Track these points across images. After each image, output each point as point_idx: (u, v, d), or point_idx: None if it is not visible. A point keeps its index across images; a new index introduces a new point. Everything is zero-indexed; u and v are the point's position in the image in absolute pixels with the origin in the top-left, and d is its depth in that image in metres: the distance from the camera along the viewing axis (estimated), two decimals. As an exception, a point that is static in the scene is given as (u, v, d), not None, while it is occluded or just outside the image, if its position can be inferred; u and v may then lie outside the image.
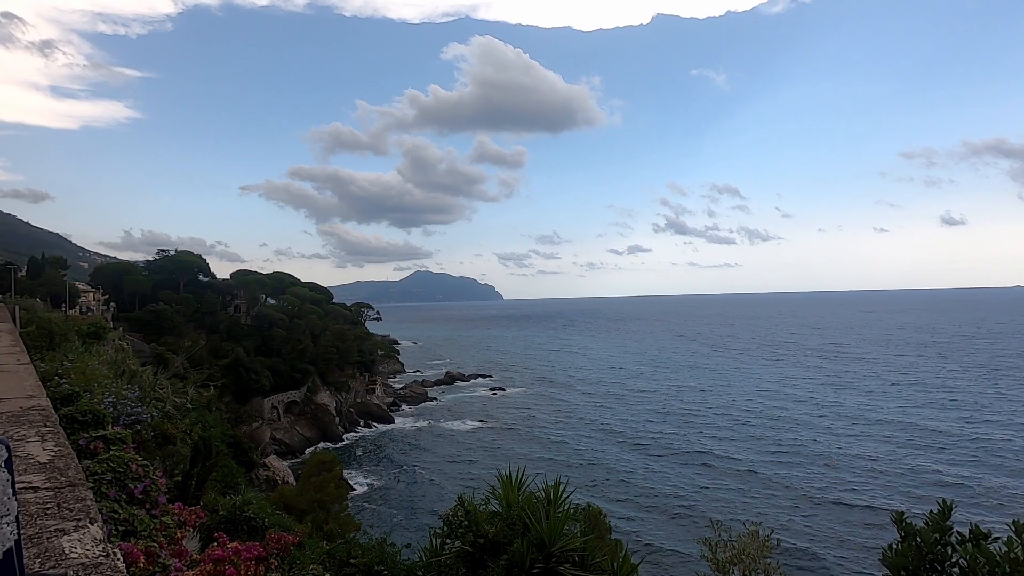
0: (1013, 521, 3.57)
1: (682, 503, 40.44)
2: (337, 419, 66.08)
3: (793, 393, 78.98)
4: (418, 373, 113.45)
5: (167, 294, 63.44)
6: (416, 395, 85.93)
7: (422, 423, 70.28)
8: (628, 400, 77.60)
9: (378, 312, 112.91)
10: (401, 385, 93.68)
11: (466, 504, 6.66)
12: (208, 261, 75.00)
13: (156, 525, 3.96)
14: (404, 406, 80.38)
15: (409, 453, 57.66)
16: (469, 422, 69.54)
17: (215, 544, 3.93)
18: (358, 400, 73.65)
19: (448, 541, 6.52)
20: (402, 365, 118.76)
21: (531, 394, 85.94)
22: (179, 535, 4.15)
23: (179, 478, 9.32)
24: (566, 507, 8.06)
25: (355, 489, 44.46)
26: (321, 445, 58.14)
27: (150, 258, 74.76)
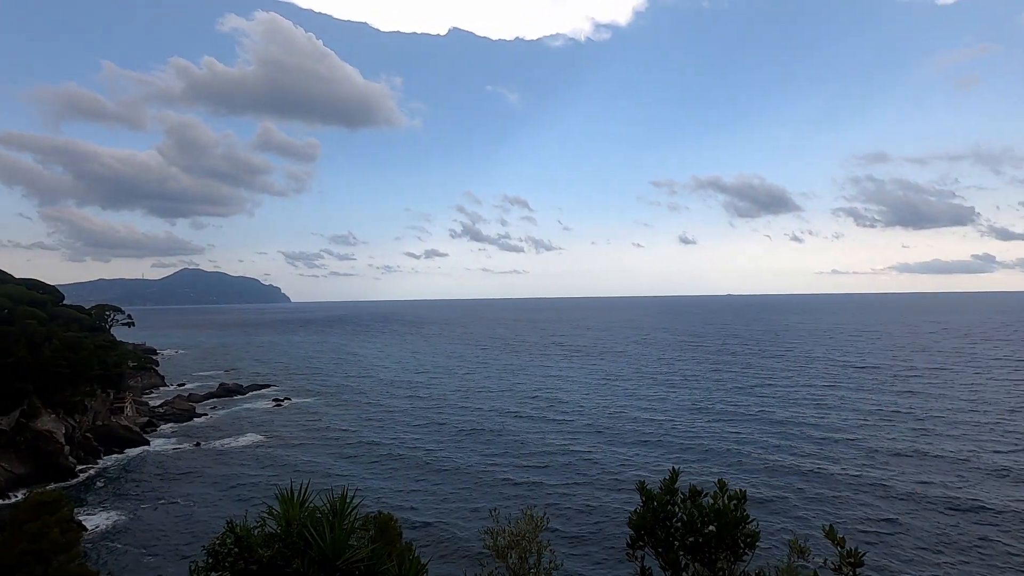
0: (719, 480, 4.58)
1: (474, 499, 42.09)
2: (67, 448, 53.74)
3: (571, 385, 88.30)
4: (184, 387, 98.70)
5: None
6: (180, 412, 74.50)
7: (187, 443, 61.18)
8: (422, 403, 78.24)
9: (130, 316, 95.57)
10: (160, 402, 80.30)
11: (237, 529, 5.97)
12: None
13: None
14: (164, 425, 69.09)
15: (169, 479, 49.64)
16: (247, 438, 62.75)
17: None
18: (99, 423, 60.98)
19: (214, 574, 5.77)
20: (162, 378, 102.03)
21: (321, 403, 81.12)
22: None
23: None
24: (353, 518, 7.77)
25: (88, 530, 36.80)
26: (49, 484, 46.61)
27: None
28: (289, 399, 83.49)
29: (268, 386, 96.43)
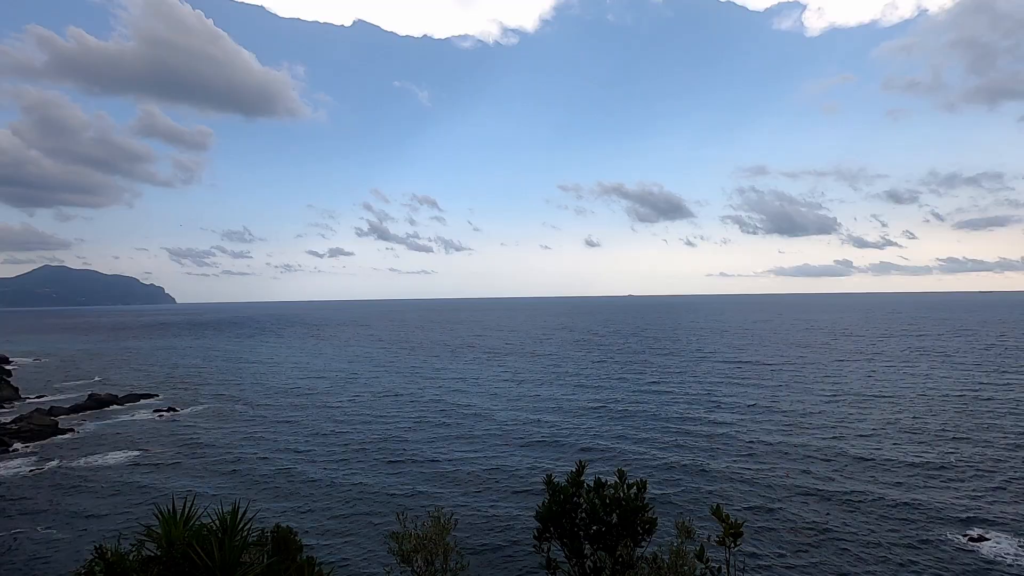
0: (618, 470, 4.81)
1: (377, 510, 40.93)
2: None
3: (479, 388, 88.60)
4: (43, 399, 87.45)
5: None
6: (39, 428, 65.86)
7: (48, 464, 54.26)
8: (323, 412, 74.91)
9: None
10: (13, 417, 70.54)
11: (108, 554, 5.37)
12: None
13: None
14: (17, 444, 60.79)
15: (21, 507, 43.69)
16: (123, 455, 56.79)
17: None
18: (-67, 444, 52.49)
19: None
20: (15, 390, 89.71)
21: (211, 413, 75.22)
22: None
23: None
24: (245, 534, 7.27)
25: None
26: None
27: None
28: (175, 409, 76.61)
29: (149, 396, 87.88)
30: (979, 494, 40.33)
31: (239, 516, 7.58)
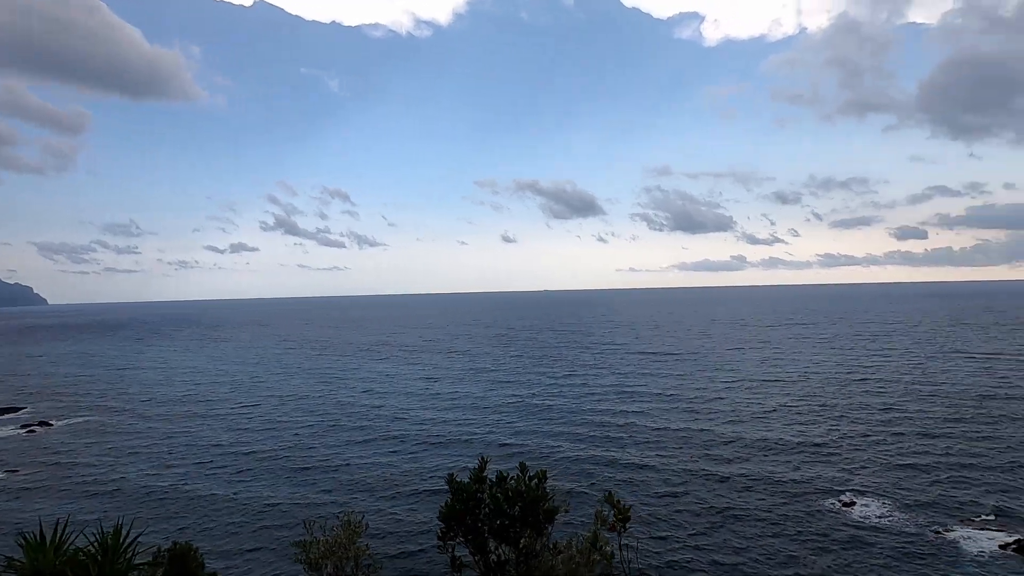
0: (520, 463, 4.96)
1: (287, 517, 39.12)
2: None
3: (394, 388, 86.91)
4: None
5: None
6: None
7: None
8: (225, 419, 70.22)
9: None
10: None
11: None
12: None
13: None
14: None
15: None
16: (-17, 476, 50.27)
17: None
18: None
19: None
20: None
21: (90, 427, 68.23)
22: None
23: None
24: (131, 556, 6.77)
25: None
26: None
27: None
28: (47, 424, 68.71)
29: (14, 409, 78.23)
30: (851, 465, 45.30)
31: (123, 537, 6.99)
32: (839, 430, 54.97)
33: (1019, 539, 32.21)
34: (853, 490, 40.14)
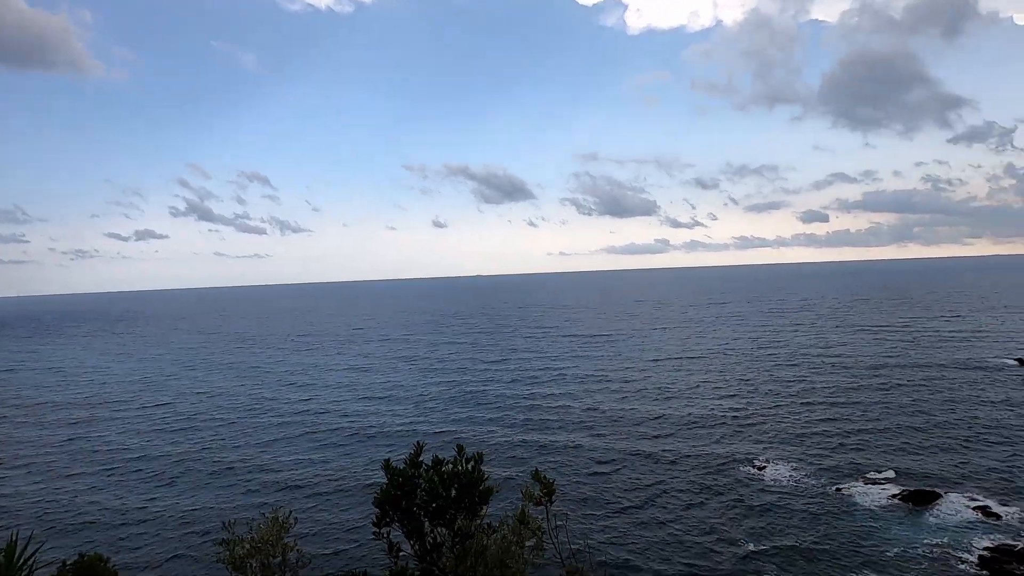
0: (457, 445, 4.90)
1: (208, 523, 36.78)
2: None
3: (322, 381, 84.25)
4: None
5: None
6: None
7: None
8: (132, 422, 65.16)
9: None
10: None
11: None
12: None
13: None
14: None
15: None
16: None
17: None
18: None
19: None
20: None
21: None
22: None
23: None
24: (30, 567, 6.25)
25: None
26: None
27: None
28: (-79, 435, 61.18)
29: None
30: (766, 436, 48.80)
31: (18, 553, 6.33)
32: (755, 403, 58.93)
33: (904, 490, 36.27)
34: (767, 458, 43.27)
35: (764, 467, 41.42)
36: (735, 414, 55.07)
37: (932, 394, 58.56)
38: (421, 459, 5.14)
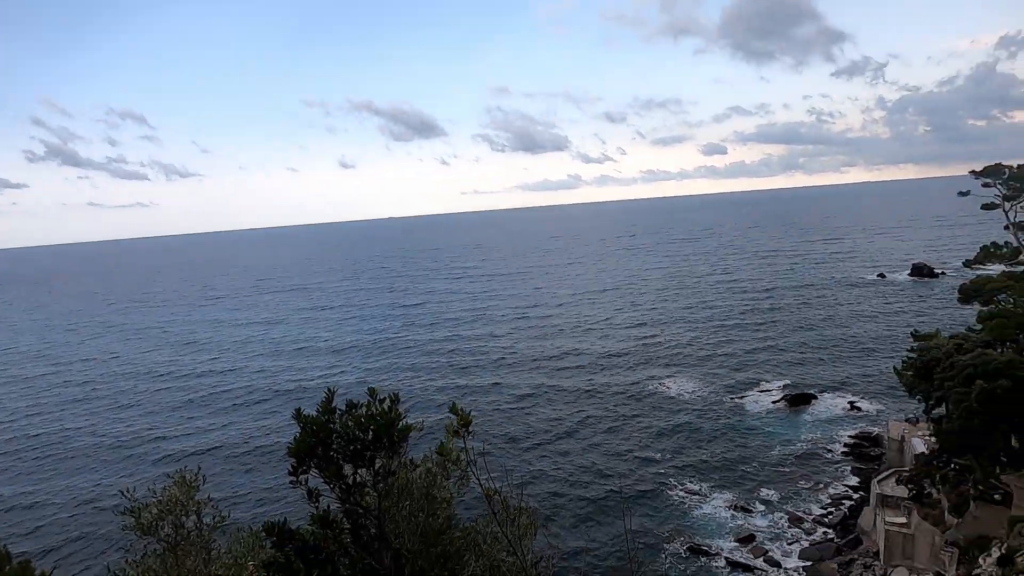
0: (369, 388, 4.88)
1: (107, 498, 33.88)
2: None
3: (225, 339, 79.88)
4: None
5: None
6: None
7: None
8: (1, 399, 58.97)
9: None
10: None
11: None
12: None
13: None
14: None
15: None
16: None
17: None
18: None
19: None
20: None
21: None
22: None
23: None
24: None
25: None
26: None
27: None
28: None
29: None
30: (674, 358, 52.89)
31: None
32: (665, 331, 63.18)
33: (785, 395, 41.62)
34: (676, 381, 47.11)
35: (673, 389, 45.29)
36: (646, 342, 58.81)
37: (814, 311, 65.65)
38: (334, 405, 5.04)
